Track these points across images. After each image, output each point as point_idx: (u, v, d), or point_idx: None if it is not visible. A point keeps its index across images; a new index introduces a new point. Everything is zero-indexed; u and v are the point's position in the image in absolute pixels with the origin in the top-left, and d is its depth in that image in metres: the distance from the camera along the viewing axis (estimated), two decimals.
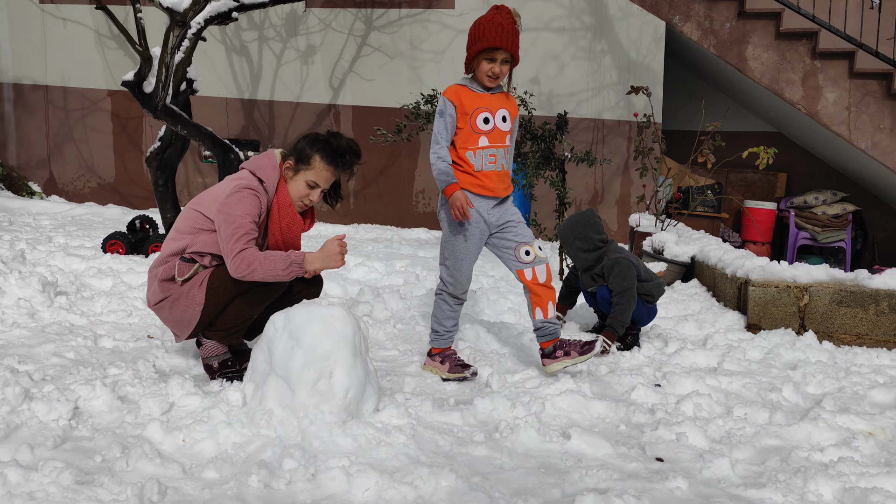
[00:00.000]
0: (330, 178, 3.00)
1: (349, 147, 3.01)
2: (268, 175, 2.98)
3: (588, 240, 3.97)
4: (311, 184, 2.98)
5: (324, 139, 3.00)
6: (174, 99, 5.68)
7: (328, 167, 2.97)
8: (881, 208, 8.60)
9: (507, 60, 3.11)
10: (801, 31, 7.14)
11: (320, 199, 3.07)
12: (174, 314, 2.96)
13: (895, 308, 4.06)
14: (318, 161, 2.96)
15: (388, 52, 8.22)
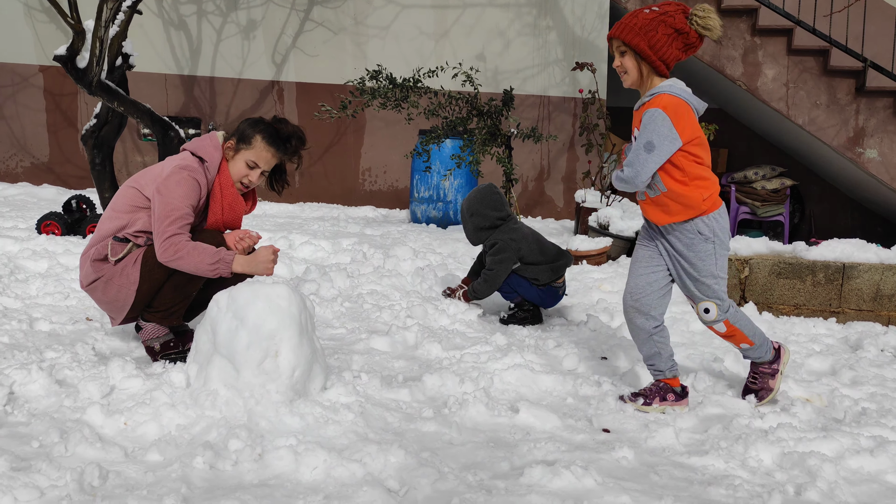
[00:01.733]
0: (270, 159, 2.97)
1: (294, 132, 2.99)
2: (210, 155, 2.93)
3: (485, 216, 3.86)
4: (251, 164, 2.95)
5: (267, 122, 2.99)
6: (109, 74, 5.49)
7: (269, 148, 2.95)
8: (818, 183, 8.86)
9: (622, 51, 2.68)
10: (742, 8, 7.27)
11: (262, 182, 3.05)
12: (108, 295, 2.88)
13: (831, 279, 4.19)
14: (258, 141, 2.94)
15: (331, 27, 8.08)
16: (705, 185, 2.67)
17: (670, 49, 2.59)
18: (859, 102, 7.07)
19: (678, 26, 2.58)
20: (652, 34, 2.58)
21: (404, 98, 5.80)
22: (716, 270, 2.72)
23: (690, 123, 2.61)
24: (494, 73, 7.94)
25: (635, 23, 2.61)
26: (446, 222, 7.00)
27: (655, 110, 2.56)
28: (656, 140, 2.55)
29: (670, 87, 2.62)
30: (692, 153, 2.63)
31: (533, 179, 8.11)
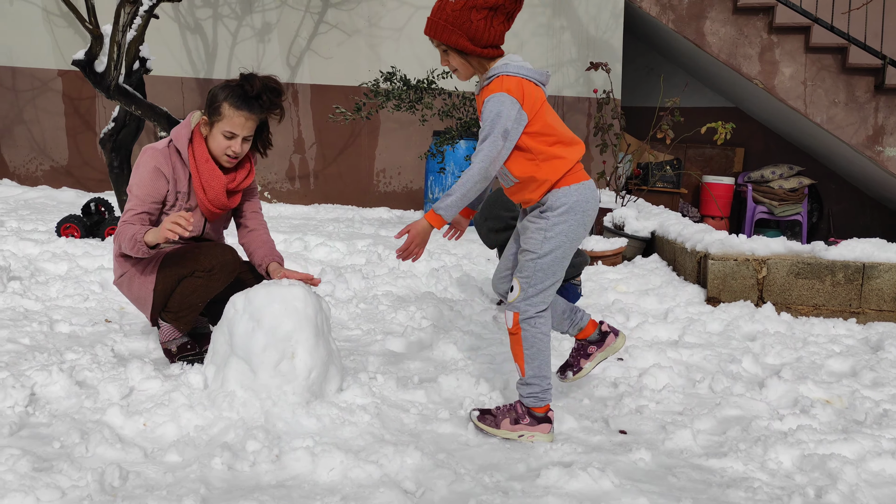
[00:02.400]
0: (245, 123, 2.76)
1: (263, 87, 2.74)
2: (177, 133, 2.83)
3: (498, 218, 3.85)
4: (228, 134, 2.76)
5: (231, 84, 2.76)
6: (127, 78, 5.53)
7: (239, 112, 2.73)
8: (836, 181, 8.78)
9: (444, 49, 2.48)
10: (758, 6, 7.22)
11: (247, 148, 2.84)
12: (133, 292, 2.91)
13: (850, 279, 4.15)
14: (227, 108, 2.74)
15: (345, 29, 8.10)
16: (560, 165, 2.44)
17: (491, 31, 2.39)
18: (878, 100, 7.00)
19: (490, 3, 2.36)
20: (467, 25, 2.37)
21: (418, 99, 5.80)
22: (543, 247, 2.45)
23: (534, 98, 2.40)
24: None
25: (445, 17, 2.39)
26: None
27: (499, 94, 2.35)
28: (509, 125, 2.35)
29: (506, 66, 2.40)
30: (540, 132, 2.43)
31: None
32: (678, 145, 8.43)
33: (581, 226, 2.49)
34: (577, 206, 2.46)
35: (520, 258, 2.51)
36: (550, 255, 2.45)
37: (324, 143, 8.23)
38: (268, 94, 2.75)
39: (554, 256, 2.45)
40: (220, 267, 2.82)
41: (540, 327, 2.47)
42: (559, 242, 2.45)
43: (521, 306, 2.46)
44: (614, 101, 7.04)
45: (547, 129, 2.45)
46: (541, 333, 2.47)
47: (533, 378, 2.47)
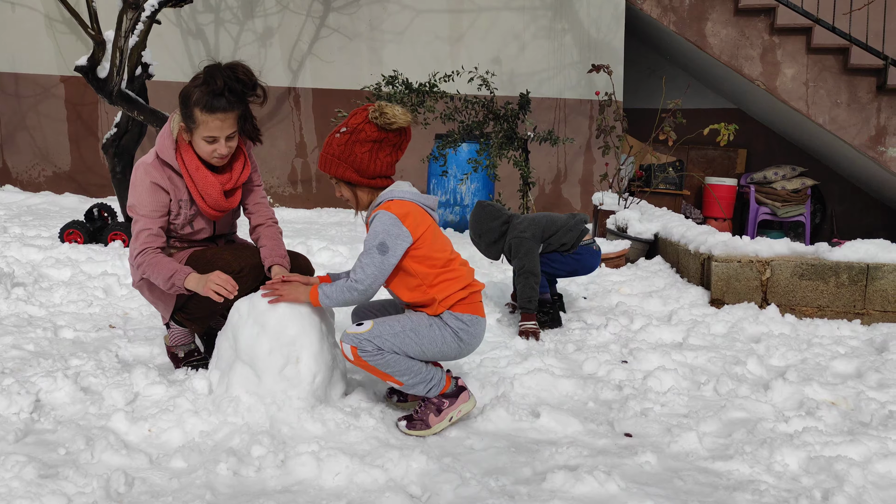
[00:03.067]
0: (222, 124, 2.63)
1: (227, 81, 2.59)
2: (162, 146, 2.76)
3: (490, 230, 3.89)
4: (209, 139, 2.66)
5: (197, 85, 2.60)
6: (129, 84, 5.54)
7: (213, 116, 2.60)
8: (839, 182, 8.77)
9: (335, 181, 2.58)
10: (760, 7, 7.22)
11: (235, 144, 2.73)
12: (154, 294, 2.88)
13: (854, 280, 4.14)
14: (199, 114, 2.61)
15: (347, 33, 8.11)
16: (450, 285, 2.49)
17: (377, 162, 2.49)
18: (881, 101, 7.00)
19: (373, 137, 2.46)
20: (352, 159, 2.47)
21: (420, 103, 5.80)
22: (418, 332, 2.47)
23: (420, 221, 2.48)
24: (510, 77, 7.94)
25: (332, 151, 2.50)
26: (463, 226, 7.00)
27: (381, 212, 2.46)
28: (389, 240, 2.43)
29: (391, 192, 2.51)
30: (427, 255, 2.48)
31: (550, 182, 8.10)
32: (680, 147, 8.42)
33: (457, 346, 2.51)
34: (463, 333, 2.51)
35: (390, 317, 2.52)
36: (416, 345, 2.46)
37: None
38: (233, 85, 2.60)
39: (419, 347, 2.47)
40: (250, 270, 2.77)
41: (381, 355, 2.43)
42: (431, 345, 2.49)
43: (363, 343, 2.42)
44: (616, 103, 7.03)
45: (434, 253, 2.50)
46: (387, 354, 2.44)
47: (414, 380, 2.47)
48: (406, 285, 2.53)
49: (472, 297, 2.55)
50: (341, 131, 2.51)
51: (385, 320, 2.50)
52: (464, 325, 2.51)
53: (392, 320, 2.50)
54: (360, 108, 2.53)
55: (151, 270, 2.68)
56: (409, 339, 2.46)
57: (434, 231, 2.55)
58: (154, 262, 2.67)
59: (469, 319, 2.52)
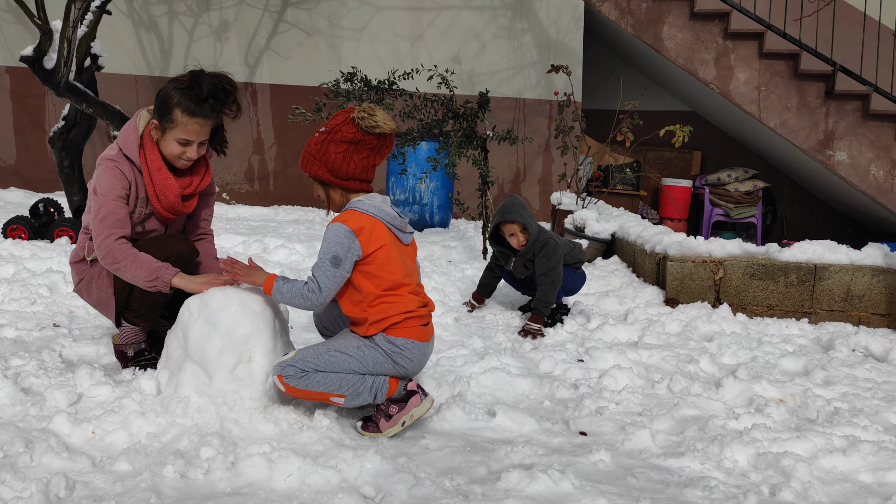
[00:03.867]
0: (200, 129, 2.65)
1: (212, 89, 2.61)
2: (126, 140, 2.72)
3: (532, 228, 3.89)
4: (182, 141, 2.66)
5: (182, 87, 2.60)
6: (78, 76, 5.40)
7: (193, 119, 2.61)
8: (789, 185, 8.97)
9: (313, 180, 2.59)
10: (714, 12, 7.34)
11: (203, 151, 2.74)
12: (92, 297, 2.82)
13: (803, 280, 4.23)
14: (179, 115, 2.60)
15: (305, 28, 8.03)
16: (389, 309, 2.45)
17: (351, 164, 2.46)
18: (829, 105, 7.17)
19: (349, 138, 2.44)
20: (326, 158, 2.47)
21: (379, 100, 5.76)
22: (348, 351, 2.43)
23: (376, 238, 2.44)
24: (470, 76, 7.94)
25: (309, 150, 2.51)
26: (422, 225, 6.98)
27: (335, 223, 2.43)
28: (341, 253, 2.40)
29: (359, 202, 2.48)
30: (374, 273, 2.45)
31: (509, 182, 8.12)
32: (637, 148, 8.52)
33: (392, 367, 2.46)
34: (397, 357, 2.45)
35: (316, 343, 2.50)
36: (345, 363, 2.41)
37: (283, 144, 8.14)
38: (220, 94, 2.62)
39: (348, 365, 2.41)
40: (177, 258, 2.72)
41: (306, 375, 2.38)
42: (362, 363, 2.43)
43: (286, 370, 2.37)
44: (575, 103, 7.08)
45: (382, 273, 2.45)
46: (313, 374, 2.38)
47: (354, 391, 2.41)
48: (350, 298, 2.50)
49: (409, 322, 2.47)
50: (320, 130, 2.51)
51: (310, 346, 2.48)
52: (396, 349, 2.45)
53: (317, 345, 2.48)
54: (344, 110, 2.52)
55: (131, 266, 2.59)
56: (334, 357, 2.41)
57: (390, 251, 2.47)
58: (135, 258, 2.60)
59: (403, 343, 2.46)
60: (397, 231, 2.54)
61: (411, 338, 2.48)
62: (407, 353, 2.47)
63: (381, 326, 2.46)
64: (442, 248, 5.79)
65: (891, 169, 7.10)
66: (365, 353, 2.45)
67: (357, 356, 2.43)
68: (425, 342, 2.53)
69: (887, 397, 3.01)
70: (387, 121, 2.45)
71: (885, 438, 2.53)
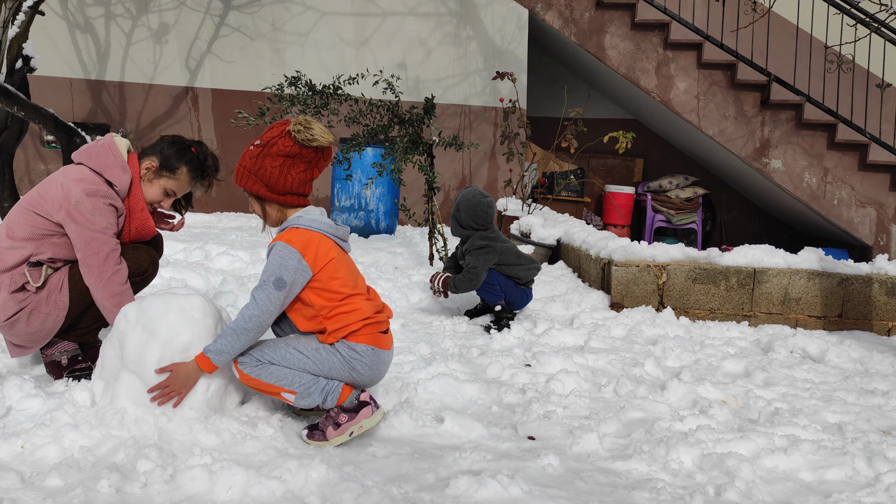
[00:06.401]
0: (186, 189, 2.90)
1: (215, 163, 2.92)
2: (119, 179, 2.74)
3: (479, 216, 4.01)
4: (170, 192, 2.86)
5: (192, 152, 2.85)
6: (9, 78, 5.20)
7: (192, 182, 2.87)
8: (727, 192, 9.20)
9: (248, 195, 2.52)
10: (654, 22, 7.49)
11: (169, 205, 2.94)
12: (32, 325, 2.68)
13: (743, 283, 4.33)
14: (184, 173, 2.84)
15: (248, 33, 7.90)
16: (348, 318, 2.41)
17: (288, 178, 2.40)
18: (764, 115, 7.38)
19: (286, 151, 2.38)
20: (262, 172, 2.40)
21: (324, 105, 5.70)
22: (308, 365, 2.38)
23: (323, 254, 2.39)
24: (416, 82, 7.93)
25: (244, 164, 2.44)
26: (368, 231, 6.93)
27: (280, 243, 2.36)
28: (286, 275, 2.33)
29: (299, 218, 2.43)
30: (325, 288, 2.40)
31: (455, 188, 8.12)
32: (581, 155, 8.63)
33: (349, 373, 2.42)
34: (357, 363, 2.41)
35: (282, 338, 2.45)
36: (300, 361, 2.37)
37: (226, 149, 7.99)
38: (214, 171, 2.90)
39: (302, 364, 2.37)
40: (152, 267, 2.90)
41: (262, 366, 2.35)
42: (318, 365, 2.39)
43: (243, 357, 2.36)
44: (520, 110, 7.13)
45: (334, 286, 2.40)
46: (267, 365, 2.35)
47: (305, 390, 2.37)
48: (303, 314, 2.45)
49: (368, 329, 2.43)
50: (255, 143, 2.43)
51: (271, 339, 2.43)
52: (357, 355, 2.41)
53: (278, 339, 2.43)
54: (280, 122, 2.43)
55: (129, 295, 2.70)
56: (291, 354, 2.37)
57: (338, 264, 2.43)
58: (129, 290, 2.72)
59: (363, 350, 2.42)
60: (341, 242, 2.50)
61: (371, 344, 2.44)
62: (366, 360, 2.43)
63: (340, 334, 2.42)
64: (388, 255, 5.75)
65: (823, 176, 7.34)
66: (322, 355, 2.40)
67: (313, 357, 2.39)
68: (385, 350, 2.49)
69: (825, 397, 3.09)
70: (324, 134, 2.38)
71: (824, 437, 2.59)
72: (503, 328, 3.93)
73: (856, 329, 4.27)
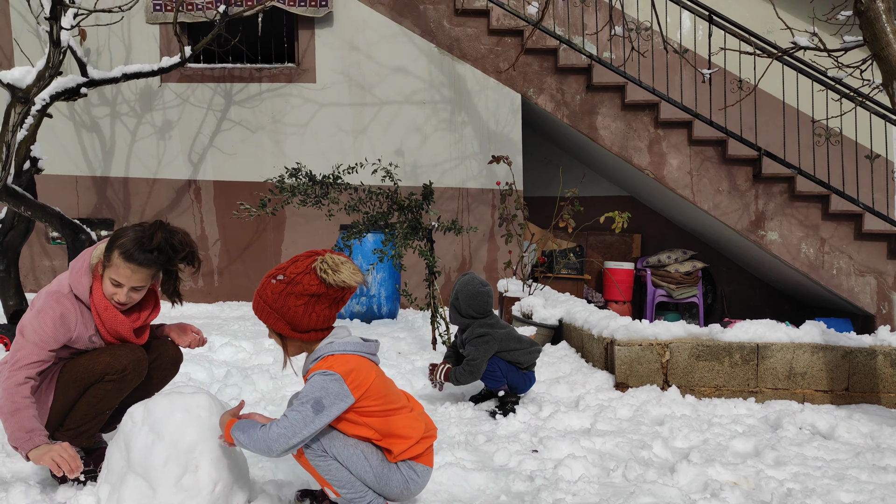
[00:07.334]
0: (132, 275, 2.62)
1: (160, 244, 2.61)
2: (78, 283, 2.68)
3: (478, 305, 4.03)
4: (114, 282, 2.64)
5: (132, 233, 2.63)
6: (17, 179, 5.33)
7: (127, 264, 2.61)
8: (726, 264, 9.26)
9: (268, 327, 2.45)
10: (644, 103, 7.71)
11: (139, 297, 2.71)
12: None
13: (747, 359, 4.32)
14: (116, 258, 2.61)
15: (249, 125, 8.12)
16: (403, 444, 2.38)
17: (312, 316, 2.33)
18: (757, 188, 7.51)
19: (311, 291, 2.30)
20: (284, 311, 2.32)
21: (324, 195, 5.81)
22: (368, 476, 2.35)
23: (364, 377, 2.32)
24: (413, 167, 8.10)
25: (265, 298, 2.35)
26: (371, 316, 6.95)
27: (321, 371, 2.28)
28: (326, 400, 2.24)
29: (331, 345, 2.36)
30: (369, 410, 2.34)
31: (455, 270, 8.19)
32: (580, 233, 8.73)
33: (400, 491, 2.40)
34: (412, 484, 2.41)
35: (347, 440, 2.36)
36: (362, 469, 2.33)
37: (228, 239, 8.10)
38: (164, 250, 2.62)
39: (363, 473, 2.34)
40: (133, 366, 2.69)
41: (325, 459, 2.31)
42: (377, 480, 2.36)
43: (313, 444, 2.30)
44: (517, 192, 7.26)
45: (380, 406, 2.36)
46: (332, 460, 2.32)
47: (352, 497, 2.34)
48: (356, 434, 2.37)
49: (426, 450, 2.44)
50: (278, 278, 2.33)
51: (341, 432, 2.37)
52: (415, 476, 2.41)
53: (348, 437, 2.37)
54: (304, 255, 2.36)
55: (12, 412, 2.48)
56: (358, 459, 2.33)
57: (379, 383, 2.36)
58: (21, 406, 2.49)
59: (421, 470, 2.42)
60: (373, 357, 2.44)
61: (429, 465, 2.44)
62: (420, 481, 2.42)
63: (405, 456, 2.40)
64: (391, 340, 5.75)
65: (820, 246, 7.41)
66: (385, 472, 2.37)
67: (376, 471, 2.35)
68: (432, 468, 2.49)
69: (837, 475, 3.06)
70: (354, 274, 2.31)
71: None
72: (508, 413, 3.90)
73: (863, 402, 4.25)
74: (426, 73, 8.10)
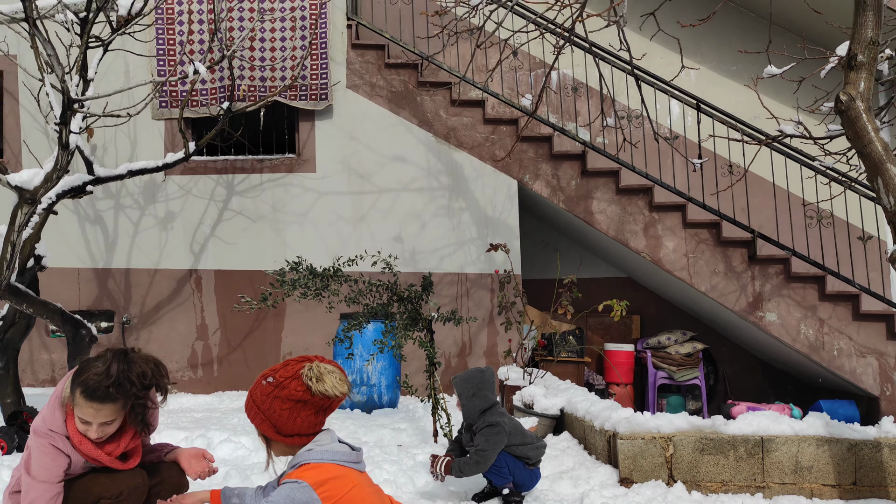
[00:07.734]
0: (97, 413, 2.53)
1: (123, 374, 2.52)
2: (51, 417, 2.64)
3: (485, 398, 4.01)
4: (82, 420, 2.57)
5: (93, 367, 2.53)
6: (20, 276, 5.37)
7: (89, 403, 2.52)
8: (727, 345, 9.24)
9: None
10: (638, 187, 7.85)
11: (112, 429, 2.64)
12: None
13: (752, 453, 4.28)
14: (78, 397, 2.53)
15: (250, 215, 8.24)
16: None
17: (297, 421, 2.33)
18: (753, 269, 7.57)
19: (297, 396, 2.31)
20: (270, 413, 2.33)
21: (325, 287, 5.86)
22: None
23: (340, 488, 2.28)
24: (412, 254, 8.17)
25: (255, 399, 2.37)
26: (371, 406, 6.89)
27: (292, 481, 2.25)
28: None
29: (309, 452, 2.34)
30: None
31: (455, 356, 8.17)
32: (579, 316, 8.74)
33: None
34: None
35: None
36: None
37: (228, 328, 8.10)
38: (126, 382, 2.52)
39: None
40: (129, 492, 2.70)
41: None
42: None
43: None
44: (515, 278, 7.31)
45: None
46: None
47: None
48: None
49: None
50: (268, 380, 2.35)
51: None
52: None
53: None
54: (296, 360, 2.38)
55: None
56: None
57: (356, 495, 2.32)
58: None
59: None
60: (355, 465, 2.40)
61: None
62: None
63: None
64: (392, 432, 5.70)
65: (819, 327, 7.42)
66: None
67: None
68: None
69: None
70: (337, 386, 2.32)
71: None
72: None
73: (872, 497, 4.18)
74: (424, 162, 8.27)
